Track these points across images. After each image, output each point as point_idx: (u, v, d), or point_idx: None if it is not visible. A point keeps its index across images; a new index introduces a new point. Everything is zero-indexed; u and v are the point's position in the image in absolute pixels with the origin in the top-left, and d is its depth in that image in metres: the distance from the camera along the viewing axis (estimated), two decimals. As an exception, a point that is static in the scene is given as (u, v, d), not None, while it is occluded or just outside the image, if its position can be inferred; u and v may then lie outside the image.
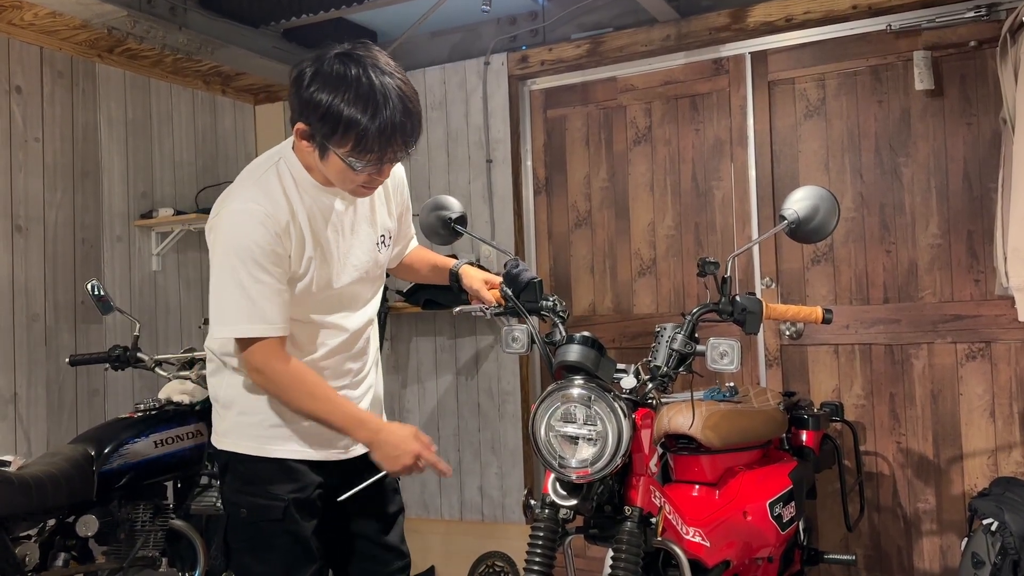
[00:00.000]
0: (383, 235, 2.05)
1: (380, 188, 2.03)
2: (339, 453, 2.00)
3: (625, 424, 1.73)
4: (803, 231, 1.96)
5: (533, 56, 3.89)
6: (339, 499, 1.97)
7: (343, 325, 1.98)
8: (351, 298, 2.00)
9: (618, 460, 1.73)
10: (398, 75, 1.77)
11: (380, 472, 1.92)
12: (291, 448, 1.93)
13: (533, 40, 3.92)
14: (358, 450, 2.02)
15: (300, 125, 1.77)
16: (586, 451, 1.75)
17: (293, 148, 1.88)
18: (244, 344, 1.81)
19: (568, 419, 1.78)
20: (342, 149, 1.75)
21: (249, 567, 1.94)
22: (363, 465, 2.07)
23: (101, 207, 3.66)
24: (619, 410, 1.74)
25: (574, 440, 1.76)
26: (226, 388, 1.95)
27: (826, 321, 2.01)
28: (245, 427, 1.93)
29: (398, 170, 2.05)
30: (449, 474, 1.93)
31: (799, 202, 1.96)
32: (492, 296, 2.08)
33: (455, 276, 2.16)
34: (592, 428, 1.74)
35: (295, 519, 1.92)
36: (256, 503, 1.91)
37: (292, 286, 1.85)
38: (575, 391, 1.77)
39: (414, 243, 2.26)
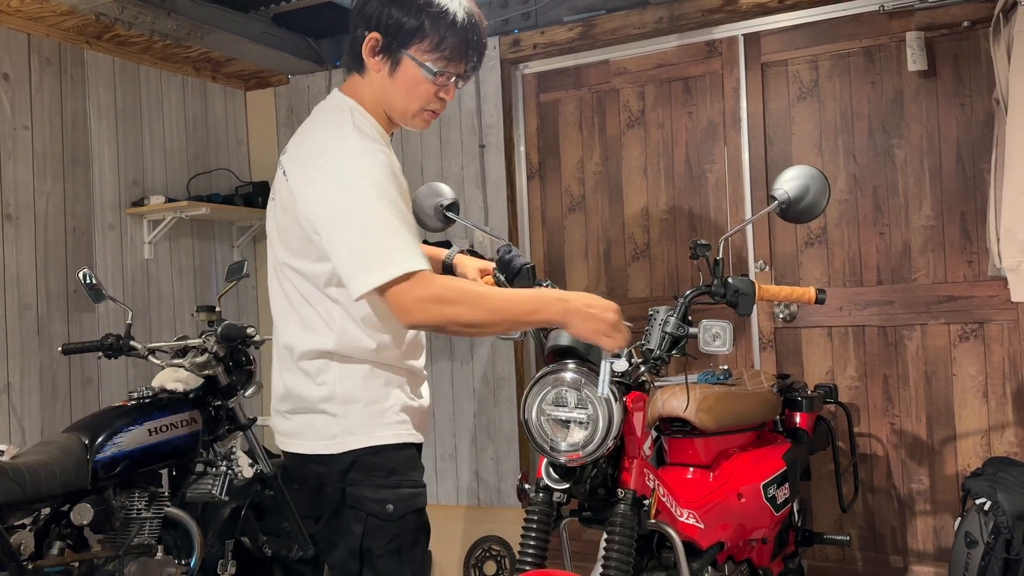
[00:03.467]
0: None
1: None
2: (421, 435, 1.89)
3: (616, 407, 1.73)
4: (794, 211, 1.96)
5: (525, 39, 3.86)
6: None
7: None
8: None
9: (609, 443, 1.73)
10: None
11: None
12: (412, 432, 1.81)
13: (525, 23, 3.89)
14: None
15: (374, 34, 1.71)
16: (577, 435, 1.75)
17: (352, 97, 1.78)
18: (405, 280, 1.58)
19: (560, 403, 1.78)
20: (420, 46, 1.70)
21: (396, 572, 1.77)
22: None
23: (92, 195, 3.63)
24: (610, 393, 1.74)
25: (566, 424, 1.77)
26: (343, 382, 1.75)
27: (819, 301, 2.01)
28: (376, 416, 1.76)
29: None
30: None
31: (789, 182, 1.96)
32: (486, 283, 2.08)
33: (449, 267, 2.16)
34: (583, 412, 1.75)
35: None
36: (402, 494, 1.76)
37: None
38: (566, 375, 1.78)
39: None
